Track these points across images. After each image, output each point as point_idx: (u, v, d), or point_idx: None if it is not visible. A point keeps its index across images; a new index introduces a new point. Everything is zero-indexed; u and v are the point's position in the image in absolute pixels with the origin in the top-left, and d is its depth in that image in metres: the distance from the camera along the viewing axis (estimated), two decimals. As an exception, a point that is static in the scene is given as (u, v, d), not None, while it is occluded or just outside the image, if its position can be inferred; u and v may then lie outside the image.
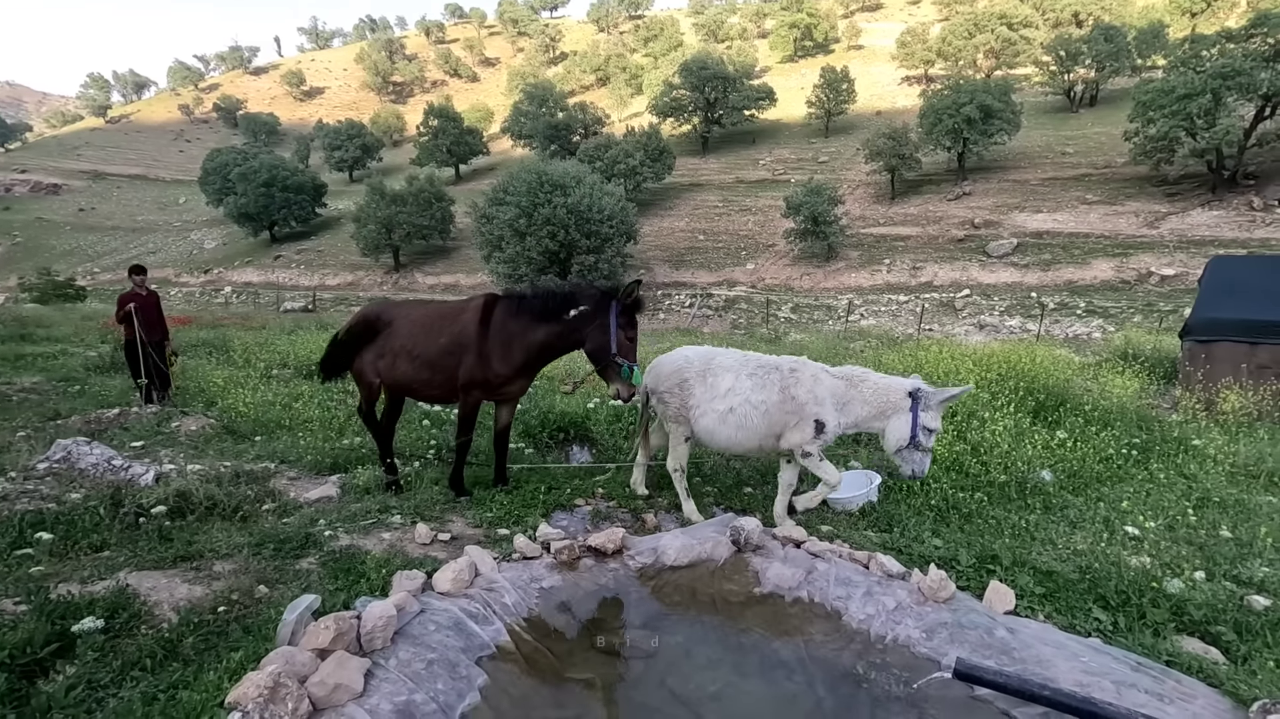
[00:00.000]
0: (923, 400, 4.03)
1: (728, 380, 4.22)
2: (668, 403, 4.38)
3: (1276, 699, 2.44)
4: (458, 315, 4.38)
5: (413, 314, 4.62)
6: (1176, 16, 53.34)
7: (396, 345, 4.48)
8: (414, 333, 4.46)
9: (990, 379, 6.95)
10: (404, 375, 4.47)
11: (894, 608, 3.13)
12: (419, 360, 4.37)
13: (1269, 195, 31.08)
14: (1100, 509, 4.59)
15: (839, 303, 34.68)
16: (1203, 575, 3.65)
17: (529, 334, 4.21)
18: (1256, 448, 6.22)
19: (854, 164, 48.93)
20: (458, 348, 4.24)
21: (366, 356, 4.66)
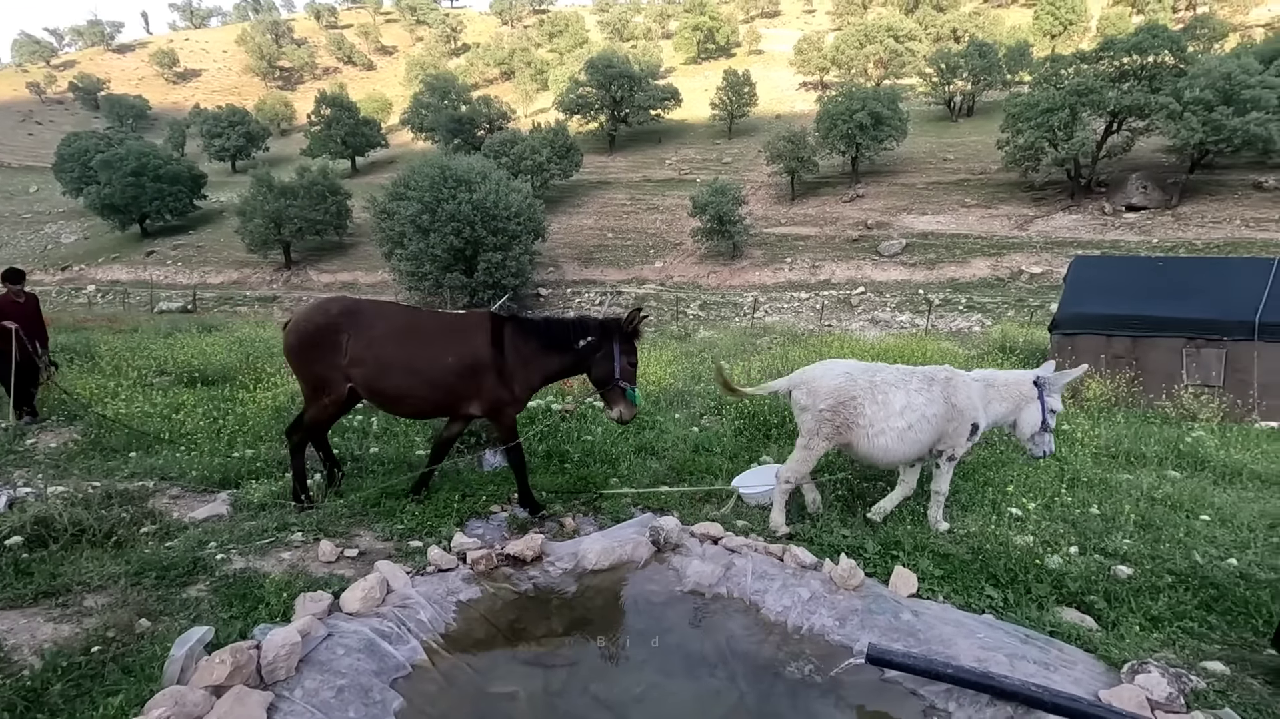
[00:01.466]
0: (1046, 387, 4.30)
1: (900, 397, 4.19)
2: (829, 419, 4.19)
3: (1143, 660, 2.71)
4: (463, 333, 4.26)
5: (395, 321, 4.32)
6: (1039, 37, 58.44)
7: (384, 354, 4.14)
8: (407, 344, 4.20)
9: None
10: (395, 388, 4.21)
11: (808, 598, 3.25)
12: (419, 376, 4.16)
13: (1117, 201, 34.65)
14: (988, 493, 4.95)
15: (745, 300, 35.68)
16: (1076, 550, 4.01)
17: (544, 360, 4.33)
18: (1115, 431, 6.91)
19: (756, 165, 50.45)
20: (469, 369, 4.15)
21: (333, 360, 4.13)
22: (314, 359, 4.15)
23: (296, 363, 4.27)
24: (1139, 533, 4.37)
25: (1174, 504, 4.88)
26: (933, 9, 70.51)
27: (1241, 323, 8.56)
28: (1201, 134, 30.53)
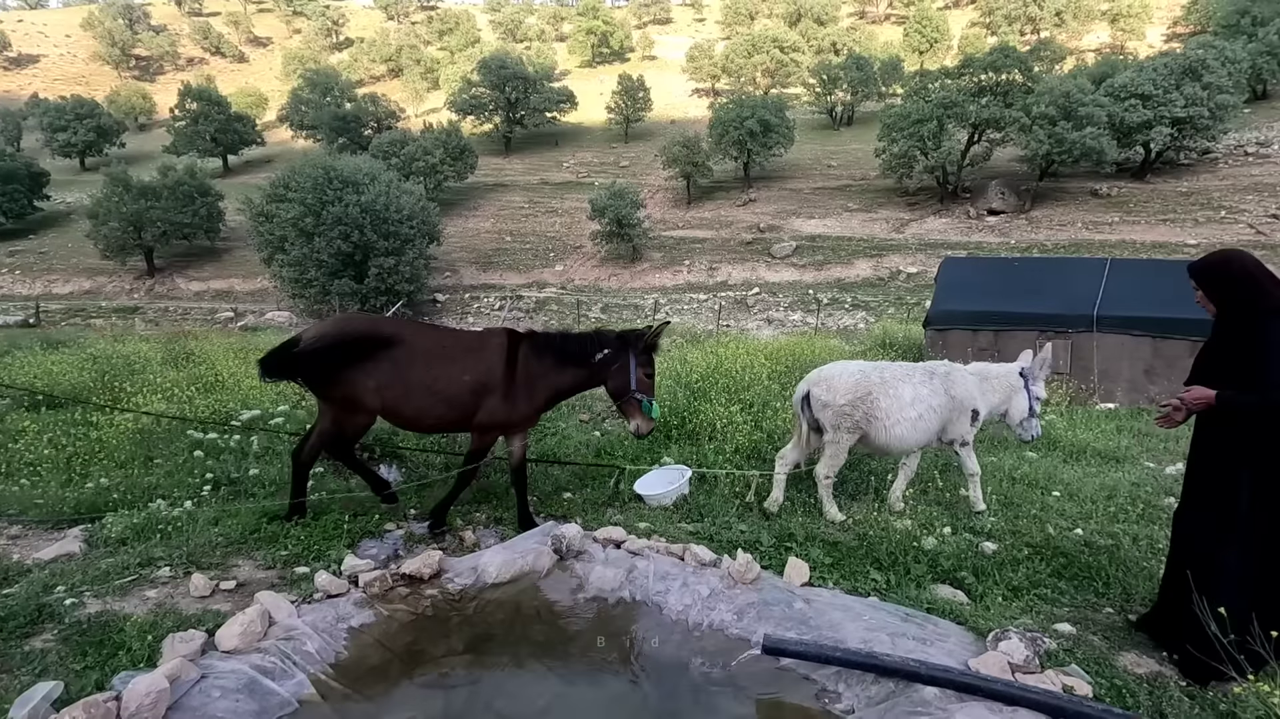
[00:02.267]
0: (1031, 377, 4.68)
1: (908, 390, 4.52)
2: (849, 414, 4.48)
3: (1005, 628, 2.98)
4: (480, 350, 4.23)
5: (423, 340, 4.27)
6: (909, 53, 62.93)
7: (414, 376, 4.04)
8: (433, 364, 4.12)
9: (780, 370, 7.67)
10: (417, 409, 4.13)
11: (708, 595, 3.34)
12: (439, 395, 4.08)
13: (980, 206, 37.85)
14: (872, 481, 5.28)
15: (646, 302, 36.15)
16: (949, 530, 4.34)
17: (554, 376, 4.29)
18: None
19: (653, 169, 51.22)
20: (482, 387, 4.11)
21: (365, 381, 3.97)
22: (339, 381, 3.99)
23: (322, 384, 4.08)
24: (1002, 511, 4.80)
25: (1030, 483, 5.40)
26: (814, 23, 74.26)
27: (1082, 316, 9.59)
28: (1048, 145, 33.92)
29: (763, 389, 7.01)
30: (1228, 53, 34.85)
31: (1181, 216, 32.92)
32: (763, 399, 6.78)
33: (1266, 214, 31.35)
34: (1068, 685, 2.62)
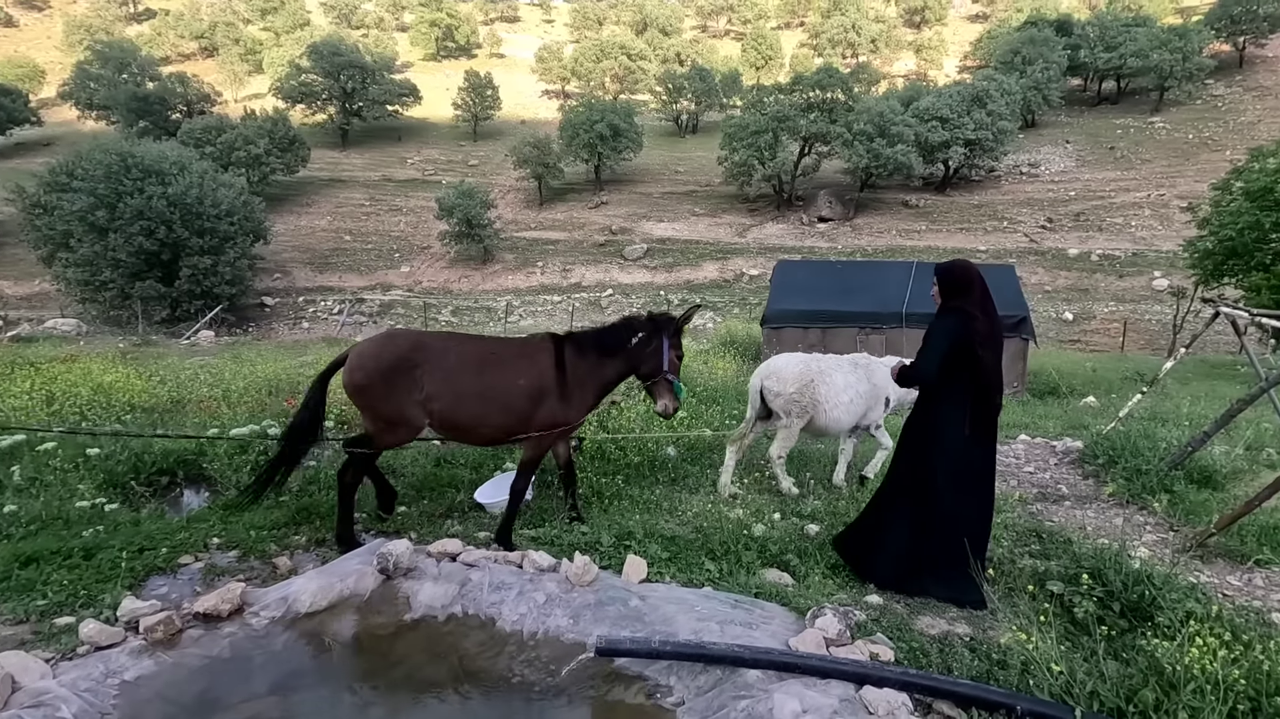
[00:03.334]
0: None
1: (840, 378, 5.07)
2: (797, 401, 4.98)
3: (822, 605, 3.17)
4: (533, 356, 4.24)
5: (464, 349, 4.24)
6: (747, 68, 66.78)
7: (463, 385, 4.04)
8: (484, 372, 4.12)
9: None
10: (472, 417, 4.11)
11: (544, 601, 3.26)
12: (495, 403, 4.09)
13: (811, 213, 40.97)
14: (711, 474, 5.47)
15: (499, 304, 35.33)
16: (779, 517, 4.60)
17: (601, 371, 4.33)
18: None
19: (504, 169, 50.23)
20: (538, 391, 4.13)
21: (413, 396, 3.94)
22: (389, 396, 3.93)
23: (365, 399, 4.01)
24: (826, 494, 5.16)
25: (850, 466, 5.86)
26: (660, 33, 76.58)
27: (894, 314, 10.64)
28: (866, 160, 37.44)
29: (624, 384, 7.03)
30: (1005, 86, 40.41)
31: (974, 226, 37.72)
32: (623, 393, 6.81)
33: (1037, 224, 36.76)
34: (874, 653, 2.84)
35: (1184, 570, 3.51)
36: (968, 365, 3.37)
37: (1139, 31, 46.24)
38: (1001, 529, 4.21)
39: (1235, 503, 4.45)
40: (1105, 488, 5.22)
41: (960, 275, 3.52)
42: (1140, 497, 4.87)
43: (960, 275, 3.52)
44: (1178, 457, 5.28)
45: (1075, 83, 51.24)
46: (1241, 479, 5.27)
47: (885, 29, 69.89)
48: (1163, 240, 31.96)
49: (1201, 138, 42.18)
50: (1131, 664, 2.55)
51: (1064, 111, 49.58)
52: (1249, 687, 2.28)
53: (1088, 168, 42.42)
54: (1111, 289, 30.44)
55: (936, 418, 3.50)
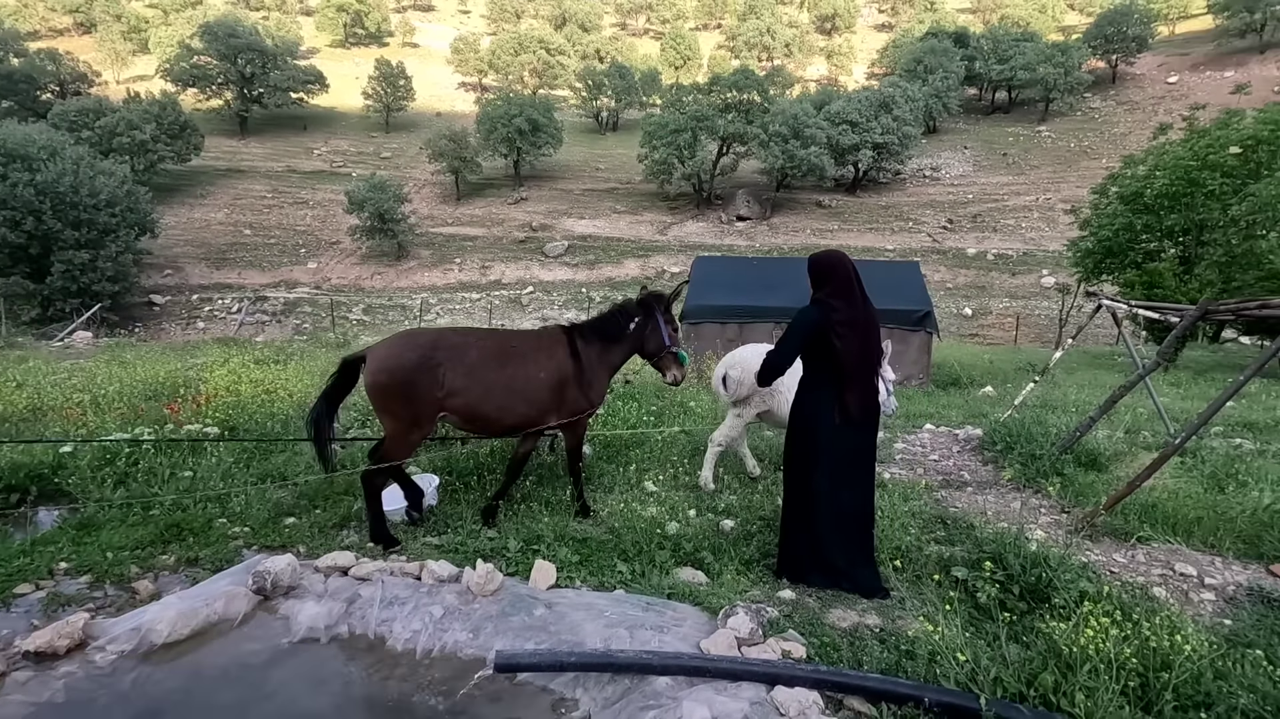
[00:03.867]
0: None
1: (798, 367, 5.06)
2: (759, 390, 4.90)
3: (734, 604, 3.09)
4: (550, 348, 4.34)
5: (484, 344, 4.26)
6: (666, 67, 67.28)
7: (486, 379, 4.09)
8: (506, 365, 4.18)
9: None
10: (497, 409, 4.15)
11: (441, 615, 3.02)
12: (518, 395, 4.17)
13: (730, 212, 41.69)
14: (626, 472, 5.33)
15: (414, 302, 34.10)
16: (694, 513, 4.51)
17: (609, 357, 4.51)
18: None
19: (418, 162, 48.57)
20: (559, 383, 4.27)
21: (431, 395, 3.94)
22: (412, 396, 3.92)
23: (389, 401, 3.96)
24: (741, 489, 5.12)
25: (761, 458, 5.87)
26: (579, 28, 76.05)
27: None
28: (782, 160, 38.42)
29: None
30: (909, 93, 42.42)
31: (883, 226, 39.41)
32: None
33: (939, 225, 38.80)
34: (786, 650, 2.77)
35: (1076, 551, 3.65)
36: (827, 353, 3.40)
37: (1027, 46, 49.63)
38: (909, 517, 4.27)
39: (1118, 484, 4.71)
40: (1004, 473, 5.44)
41: (822, 266, 3.56)
42: (1035, 480, 5.09)
43: (822, 266, 3.56)
44: (1067, 441, 5.56)
45: (972, 92, 54.44)
46: (1123, 461, 5.61)
47: (798, 34, 72.06)
48: (1049, 241, 34.38)
49: (1081, 146, 45.69)
50: (1031, 647, 2.58)
51: (962, 119, 52.60)
52: (1139, 664, 2.34)
53: (984, 172, 45.15)
54: (1005, 286, 32.49)
55: (807, 408, 3.52)
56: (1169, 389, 10.75)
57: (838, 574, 3.46)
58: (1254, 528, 3.97)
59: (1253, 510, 4.15)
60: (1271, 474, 4.88)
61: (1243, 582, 3.48)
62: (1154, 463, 4.13)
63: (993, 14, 71.67)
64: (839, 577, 3.45)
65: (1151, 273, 15.25)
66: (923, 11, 75.77)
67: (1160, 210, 16.60)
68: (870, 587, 3.41)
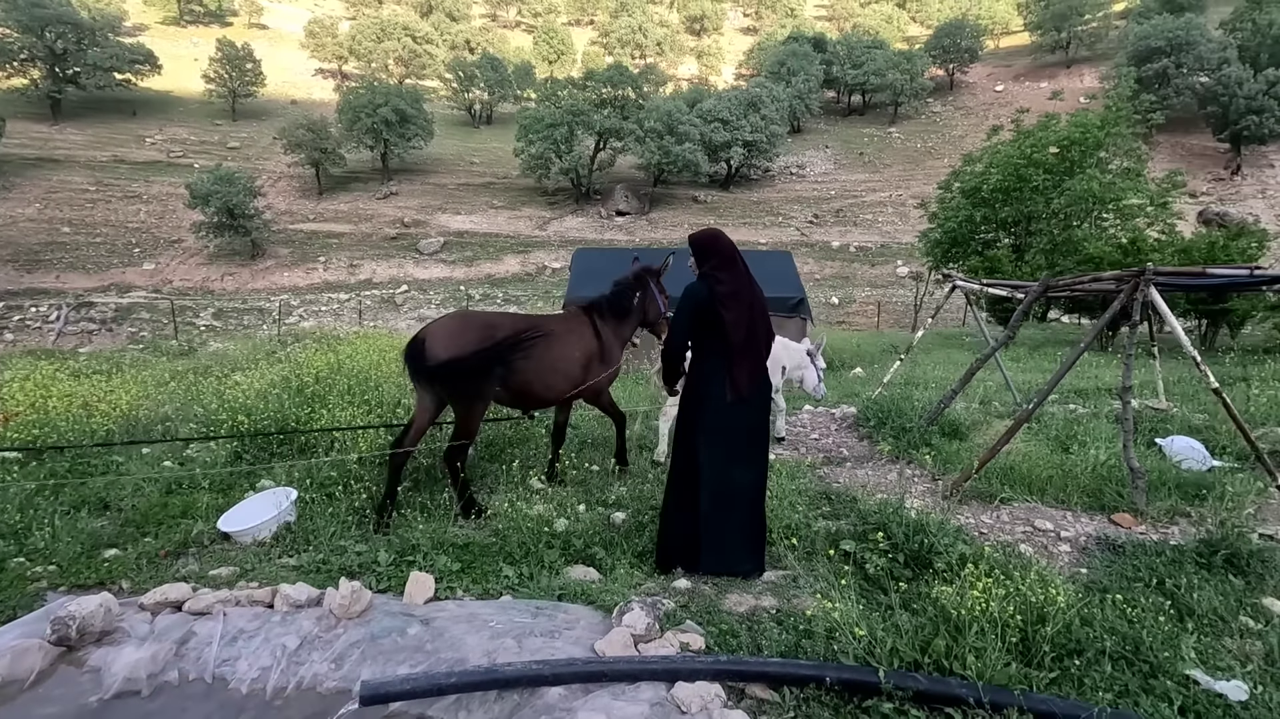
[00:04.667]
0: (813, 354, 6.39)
1: None
2: None
3: (629, 600, 2.92)
4: (579, 329, 4.65)
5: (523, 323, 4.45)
6: (540, 61, 66.27)
7: (541, 358, 4.34)
8: (551, 346, 4.43)
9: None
10: (545, 387, 4.45)
11: (297, 646, 2.63)
12: (560, 372, 4.49)
13: (609, 207, 41.78)
14: (510, 470, 5.04)
15: (273, 305, 31.47)
16: (584, 508, 4.31)
17: (622, 331, 4.82)
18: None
19: (273, 154, 44.86)
20: (588, 358, 4.59)
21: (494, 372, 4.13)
22: (478, 370, 4.07)
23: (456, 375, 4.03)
24: (632, 480, 4.98)
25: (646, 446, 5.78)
26: (446, 17, 73.26)
27: (689, 298, 10.96)
28: (658, 156, 38.98)
29: (394, 388, 6.30)
30: (775, 93, 44.39)
31: (755, 220, 41.03)
32: (394, 399, 6.08)
33: (806, 220, 40.97)
34: (685, 643, 2.64)
35: (951, 515, 3.82)
36: (714, 327, 3.34)
37: (877, 53, 53.45)
38: (796, 494, 4.31)
39: (978, 450, 5.02)
40: (879, 447, 5.67)
41: (705, 242, 3.51)
42: (908, 452, 5.34)
43: (705, 242, 3.51)
44: (932, 414, 5.90)
45: (830, 95, 57.89)
46: (980, 429, 6.03)
47: (669, 34, 73.43)
48: (903, 234, 37.24)
49: (927, 147, 49.86)
50: (922, 614, 2.61)
51: (823, 120, 55.84)
52: (1019, 620, 2.42)
53: (844, 170, 48.17)
54: (867, 276, 34.84)
55: (699, 385, 3.44)
56: (1010, 363, 11.85)
57: (722, 552, 3.37)
58: (1095, 482, 4.35)
59: (1093, 467, 4.55)
60: (1104, 433, 5.41)
61: (1091, 532, 3.78)
62: (1011, 428, 4.42)
63: (846, 22, 76.58)
64: (723, 555, 3.38)
65: (991, 259, 16.81)
66: (784, 17, 79.66)
67: (996, 203, 18.36)
68: (751, 567, 3.37)
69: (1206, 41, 41.47)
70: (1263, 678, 2.40)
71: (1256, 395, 7.62)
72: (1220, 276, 4.40)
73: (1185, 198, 28.50)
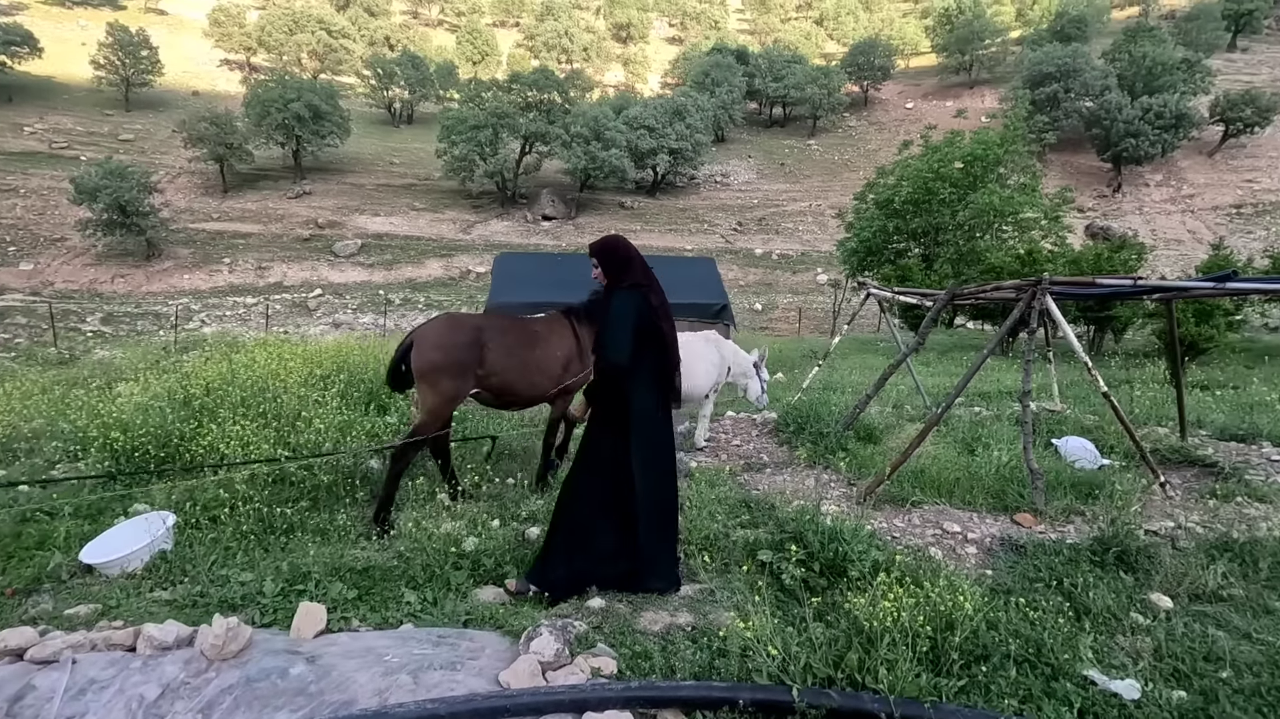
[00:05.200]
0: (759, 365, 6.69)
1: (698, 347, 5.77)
2: None
3: (538, 624, 2.77)
4: (560, 330, 4.77)
5: (516, 327, 4.69)
6: (463, 62, 64.92)
7: (525, 358, 4.55)
8: (535, 346, 4.62)
9: (320, 375, 6.61)
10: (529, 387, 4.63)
11: (157, 696, 2.34)
12: (543, 372, 4.62)
13: (535, 211, 41.29)
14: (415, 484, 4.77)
15: (169, 309, 29.38)
16: (498, 524, 4.11)
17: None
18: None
19: (172, 147, 42.01)
20: (567, 359, 4.73)
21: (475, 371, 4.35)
22: (457, 373, 4.28)
23: (436, 379, 4.25)
24: (549, 493, 4.81)
25: (571, 457, 5.62)
26: (365, 12, 70.75)
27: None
28: (584, 161, 38.83)
29: (294, 400, 5.88)
30: (699, 103, 45.09)
31: (681, 227, 41.49)
32: (294, 411, 5.67)
33: (730, 227, 41.77)
34: (596, 668, 2.51)
35: (865, 520, 3.85)
36: (653, 341, 3.24)
37: (797, 68, 55.22)
38: (716, 504, 4.26)
39: (891, 454, 5.14)
40: (798, 452, 5.73)
41: (622, 250, 3.36)
42: (825, 457, 5.42)
43: (622, 250, 3.36)
44: (847, 419, 6.01)
45: (753, 106, 59.35)
46: (893, 433, 6.20)
47: (596, 40, 73.49)
48: (822, 243, 38.50)
49: (843, 159, 51.85)
50: (835, 626, 2.58)
51: (746, 130, 57.15)
52: (929, 629, 2.42)
53: (766, 180, 49.43)
54: (788, 283, 35.80)
55: (630, 400, 3.23)
56: (921, 368, 12.36)
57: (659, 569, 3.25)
58: (999, 484, 4.51)
59: (996, 469, 4.72)
60: (1006, 436, 5.65)
61: (996, 533, 3.90)
62: (920, 434, 4.53)
63: (768, 37, 78.84)
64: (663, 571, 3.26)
65: (903, 268, 17.55)
66: (708, 29, 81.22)
67: (907, 215, 19.20)
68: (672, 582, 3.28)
69: (1091, 69, 44.99)
70: (1153, 675, 2.49)
71: (1139, 397, 8.21)
72: (1108, 286, 4.66)
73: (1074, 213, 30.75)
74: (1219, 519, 4.06)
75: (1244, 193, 41.08)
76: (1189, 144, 43.74)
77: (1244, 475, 4.96)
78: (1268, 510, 4.18)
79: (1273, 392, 8.18)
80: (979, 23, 57.84)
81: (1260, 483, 4.78)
